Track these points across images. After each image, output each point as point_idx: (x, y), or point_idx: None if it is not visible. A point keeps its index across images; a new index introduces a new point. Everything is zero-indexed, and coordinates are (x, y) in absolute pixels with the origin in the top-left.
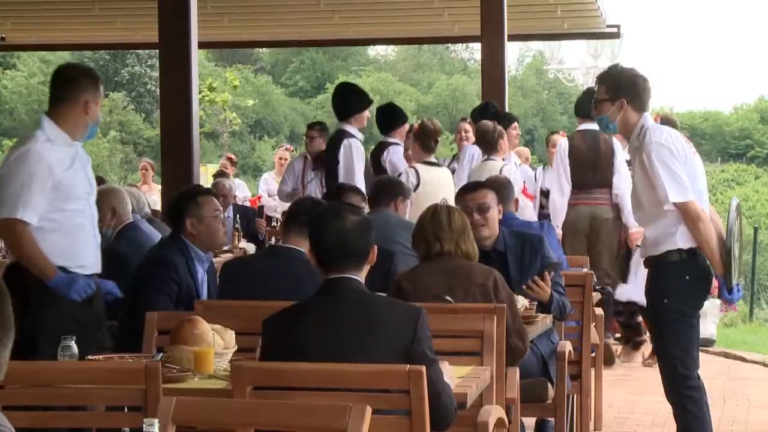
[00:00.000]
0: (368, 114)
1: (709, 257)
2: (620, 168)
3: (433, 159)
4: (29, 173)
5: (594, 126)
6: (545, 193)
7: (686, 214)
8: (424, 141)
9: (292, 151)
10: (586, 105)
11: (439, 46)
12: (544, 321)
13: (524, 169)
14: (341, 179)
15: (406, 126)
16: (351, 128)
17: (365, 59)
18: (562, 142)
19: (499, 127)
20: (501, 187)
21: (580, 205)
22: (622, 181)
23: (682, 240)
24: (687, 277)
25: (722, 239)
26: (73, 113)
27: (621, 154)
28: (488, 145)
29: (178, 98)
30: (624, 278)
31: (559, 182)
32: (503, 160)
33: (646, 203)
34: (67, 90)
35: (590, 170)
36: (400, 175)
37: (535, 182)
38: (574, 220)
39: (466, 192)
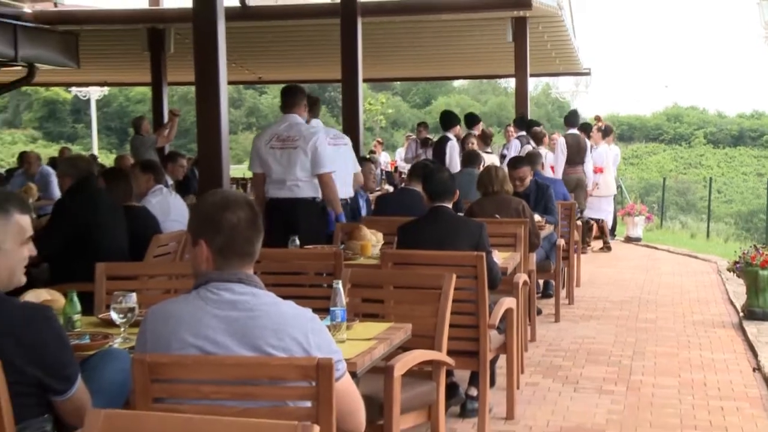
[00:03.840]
0: (459, 128)
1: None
2: (588, 154)
3: (488, 150)
4: (327, 145)
5: (575, 131)
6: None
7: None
8: (484, 140)
9: (413, 137)
10: (570, 119)
11: (492, 80)
12: (549, 228)
13: (544, 151)
14: (447, 160)
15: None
16: (450, 134)
17: (451, 87)
18: (560, 139)
19: (545, 131)
20: (535, 157)
21: (570, 174)
22: (588, 161)
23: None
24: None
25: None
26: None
27: (588, 147)
28: (539, 140)
29: (352, 109)
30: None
31: (557, 161)
32: (543, 148)
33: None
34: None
35: (573, 155)
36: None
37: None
38: (566, 181)
39: (513, 168)
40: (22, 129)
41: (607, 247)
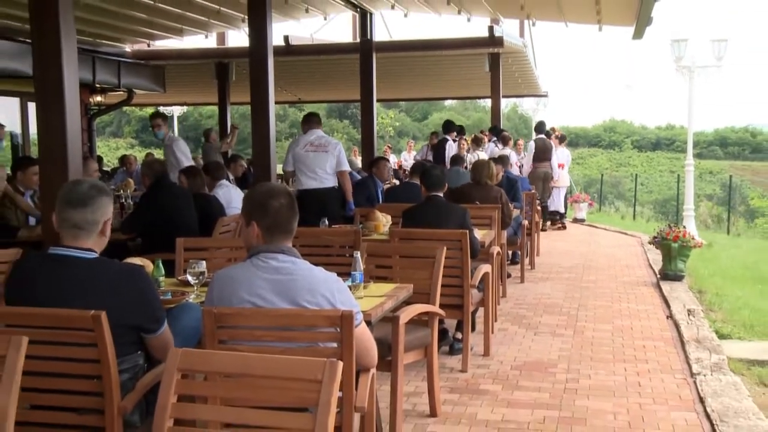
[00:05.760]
0: (455, 132)
1: None
2: (552, 153)
3: (480, 149)
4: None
5: (542, 136)
6: (519, 167)
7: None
8: (476, 142)
9: (414, 143)
10: (538, 127)
11: (473, 100)
12: (516, 212)
13: (509, 151)
14: (447, 155)
15: (454, 132)
16: (448, 137)
17: (442, 105)
18: (530, 143)
19: (510, 135)
20: (506, 159)
21: (538, 169)
22: (553, 159)
23: None
24: None
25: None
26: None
27: (554, 149)
28: (505, 142)
29: (368, 122)
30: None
31: (528, 160)
32: (507, 148)
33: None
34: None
35: (541, 154)
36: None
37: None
38: (535, 176)
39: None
40: (123, 138)
41: (562, 226)
